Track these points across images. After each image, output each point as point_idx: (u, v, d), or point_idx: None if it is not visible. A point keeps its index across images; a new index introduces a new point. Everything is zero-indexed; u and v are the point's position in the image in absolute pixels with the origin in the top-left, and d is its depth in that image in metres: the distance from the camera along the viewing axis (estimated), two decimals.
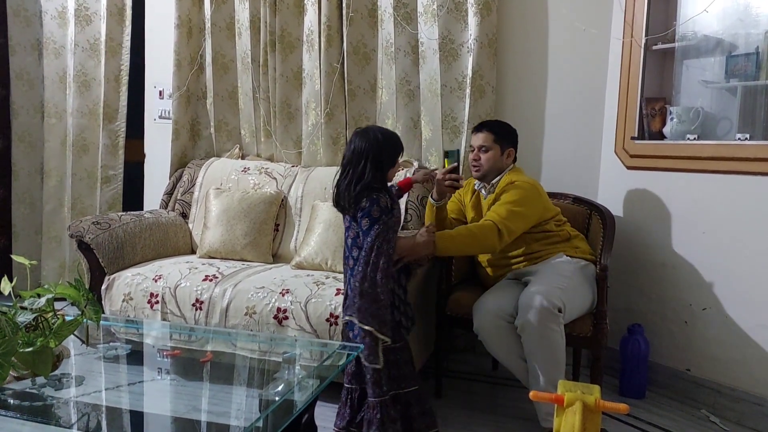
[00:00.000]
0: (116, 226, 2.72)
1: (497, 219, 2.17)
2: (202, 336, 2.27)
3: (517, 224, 2.21)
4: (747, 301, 2.30)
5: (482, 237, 2.16)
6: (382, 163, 1.99)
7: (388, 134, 2.04)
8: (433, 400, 2.43)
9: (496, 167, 2.37)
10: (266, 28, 3.13)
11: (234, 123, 3.38)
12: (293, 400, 1.51)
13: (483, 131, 2.39)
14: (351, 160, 2.00)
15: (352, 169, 1.99)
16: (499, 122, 2.47)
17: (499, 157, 2.37)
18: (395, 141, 2.05)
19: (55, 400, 1.63)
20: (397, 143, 2.04)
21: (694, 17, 2.43)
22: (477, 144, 2.39)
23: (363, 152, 1.98)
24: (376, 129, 2.06)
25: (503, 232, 2.16)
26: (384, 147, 2.00)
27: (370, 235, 1.93)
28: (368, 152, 1.98)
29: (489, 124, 2.43)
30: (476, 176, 2.41)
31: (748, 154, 2.24)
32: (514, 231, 2.20)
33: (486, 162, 2.36)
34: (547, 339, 2.02)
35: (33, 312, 1.49)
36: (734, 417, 2.31)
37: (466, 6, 2.78)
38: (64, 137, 3.60)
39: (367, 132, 2.02)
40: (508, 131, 2.42)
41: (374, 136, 2.00)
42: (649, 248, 2.61)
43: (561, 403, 1.38)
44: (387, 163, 2.01)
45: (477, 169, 2.39)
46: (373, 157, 1.97)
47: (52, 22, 3.56)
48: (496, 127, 2.41)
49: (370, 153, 1.98)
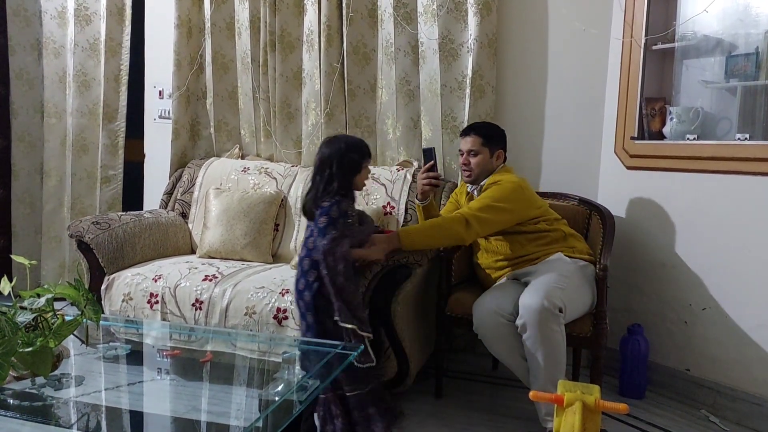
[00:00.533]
0: (116, 226, 2.72)
1: (466, 211, 2.21)
2: (201, 336, 2.27)
3: (490, 216, 2.20)
4: (747, 301, 2.30)
5: (447, 227, 2.19)
6: (345, 169, 2.07)
7: (352, 142, 2.14)
8: (434, 400, 2.43)
9: (486, 170, 2.38)
10: (266, 28, 3.12)
11: (234, 123, 3.38)
12: (293, 400, 1.51)
13: (471, 135, 2.39)
14: (317, 169, 2.10)
15: (318, 177, 2.09)
16: (487, 124, 2.47)
17: (489, 159, 2.37)
18: (359, 148, 2.12)
19: (54, 400, 1.63)
20: (361, 151, 2.12)
21: (694, 17, 2.43)
22: (466, 148, 2.38)
23: (327, 160, 2.08)
24: (342, 138, 2.17)
25: (471, 222, 2.17)
26: (346, 154, 2.08)
27: (325, 238, 1.99)
28: (332, 160, 2.07)
29: (476, 127, 2.43)
30: (467, 181, 2.42)
31: (747, 154, 2.24)
32: (486, 222, 2.20)
33: (476, 166, 2.36)
34: (547, 339, 2.02)
35: (33, 312, 1.49)
36: (734, 417, 2.31)
37: (465, 6, 2.78)
38: (64, 137, 3.60)
39: (333, 141, 2.13)
40: (495, 133, 2.42)
41: (338, 144, 2.10)
42: (649, 248, 2.61)
43: (561, 403, 1.38)
44: (350, 170, 2.09)
45: (468, 174, 2.39)
46: (338, 165, 2.06)
47: (52, 22, 3.56)
48: (483, 129, 2.40)
49: (334, 160, 2.07)
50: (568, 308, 2.07)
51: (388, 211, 2.80)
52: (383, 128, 3.06)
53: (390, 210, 2.80)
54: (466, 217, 2.18)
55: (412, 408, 2.34)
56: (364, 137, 3.09)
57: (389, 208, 2.80)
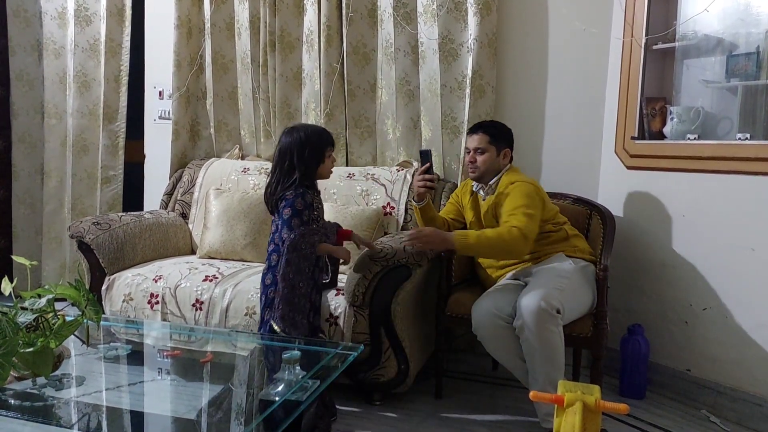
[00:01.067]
0: (116, 227, 2.72)
1: (521, 225, 2.15)
2: (202, 336, 2.27)
3: (534, 227, 2.21)
4: (747, 301, 2.30)
5: (512, 243, 2.14)
6: (306, 160, 2.01)
7: (312, 130, 2.07)
8: (433, 400, 2.43)
9: (492, 168, 2.37)
10: (266, 29, 3.13)
11: (234, 123, 3.38)
12: (293, 401, 1.51)
13: (478, 133, 2.38)
14: (277, 161, 2.04)
15: (278, 168, 2.03)
16: (494, 123, 2.47)
17: (495, 158, 2.37)
18: (320, 137, 2.06)
19: (55, 401, 1.63)
20: (322, 139, 2.06)
21: (694, 17, 2.43)
22: (472, 146, 2.38)
23: (287, 150, 2.02)
24: (301, 127, 2.09)
25: (528, 237, 2.16)
26: (307, 144, 2.02)
27: (294, 232, 1.94)
28: (292, 150, 2.01)
29: (484, 125, 2.43)
30: (473, 177, 2.42)
31: (748, 154, 2.24)
32: (534, 234, 2.21)
33: (482, 164, 2.36)
34: (545, 340, 2.02)
35: (33, 312, 1.50)
36: (734, 417, 2.31)
37: (465, 6, 2.78)
38: (64, 138, 3.60)
39: (292, 131, 2.06)
40: (503, 132, 2.42)
41: (297, 134, 2.03)
42: (650, 248, 2.61)
43: (561, 404, 1.37)
44: (312, 160, 2.03)
45: (473, 171, 2.38)
46: (298, 155, 2.00)
47: (52, 23, 3.56)
48: (491, 128, 2.40)
49: (294, 150, 2.01)
50: (566, 309, 2.07)
51: (387, 212, 2.80)
52: (383, 128, 3.06)
53: (390, 210, 2.80)
54: (523, 232, 2.15)
55: (412, 408, 2.34)
56: (364, 137, 3.10)
57: (389, 209, 2.80)
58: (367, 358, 2.26)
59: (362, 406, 2.35)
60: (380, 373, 2.28)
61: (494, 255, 2.33)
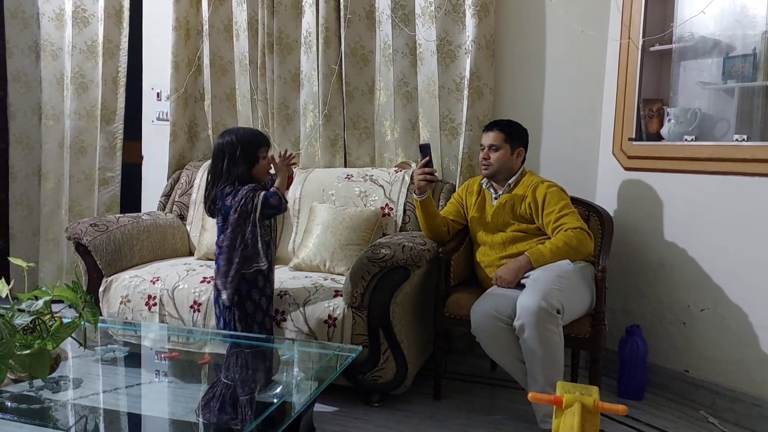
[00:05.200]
0: (114, 228, 2.71)
1: (580, 224, 2.26)
2: (200, 338, 2.27)
3: (583, 222, 2.30)
4: (745, 302, 2.30)
5: (582, 244, 2.24)
6: (239, 162, 2.05)
7: (244, 133, 2.12)
8: (432, 401, 2.43)
9: (506, 167, 2.40)
10: (264, 30, 3.12)
11: (232, 125, 3.37)
12: (291, 402, 1.51)
13: (494, 130, 2.42)
14: (212, 163, 2.09)
15: (212, 172, 2.09)
16: (511, 122, 2.49)
17: (509, 156, 2.40)
18: (253, 138, 2.10)
19: (52, 403, 1.63)
20: (254, 141, 2.09)
21: (691, 18, 2.44)
22: (487, 143, 2.41)
23: (221, 152, 2.07)
24: (234, 130, 2.14)
25: (589, 232, 2.28)
26: (239, 144, 2.06)
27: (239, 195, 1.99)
28: (225, 151, 2.06)
29: (500, 123, 2.46)
30: (485, 174, 2.45)
31: (745, 155, 2.24)
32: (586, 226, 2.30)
33: (496, 161, 2.39)
34: (545, 340, 2.02)
35: (30, 314, 1.49)
36: (733, 418, 2.31)
37: (463, 7, 2.78)
38: (62, 139, 3.60)
39: (225, 134, 2.11)
40: (518, 131, 2.45)
41: (229, 136, 2.08)
42: (647, 249, 2.61)
43: (559, 405, 1.37)
44: (245, 162, 2.06)
45: (486, 168, 2.42)
46: (230, 157, 2.05)
47: (50, 24, 3.55)
48: (506, 126, 2.44)
49: (227, 151, 2.05)
50: (566, 309, 2.07)
51: (386, 213, 2.80)
52: (381, 130, 3.06)
53: (388, 211, 2.80)
54: (585, 230, 2.26)
55: (411, 410, 2.34)
56: (362, 139, 3.10)
57: (387, 210, 2.80)
58: (365, 360, 2.26)
59: (361, 407, 2.34)
60: (379, 374, 2.27)
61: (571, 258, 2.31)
